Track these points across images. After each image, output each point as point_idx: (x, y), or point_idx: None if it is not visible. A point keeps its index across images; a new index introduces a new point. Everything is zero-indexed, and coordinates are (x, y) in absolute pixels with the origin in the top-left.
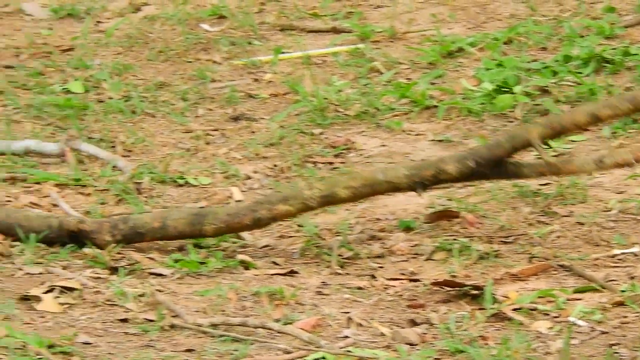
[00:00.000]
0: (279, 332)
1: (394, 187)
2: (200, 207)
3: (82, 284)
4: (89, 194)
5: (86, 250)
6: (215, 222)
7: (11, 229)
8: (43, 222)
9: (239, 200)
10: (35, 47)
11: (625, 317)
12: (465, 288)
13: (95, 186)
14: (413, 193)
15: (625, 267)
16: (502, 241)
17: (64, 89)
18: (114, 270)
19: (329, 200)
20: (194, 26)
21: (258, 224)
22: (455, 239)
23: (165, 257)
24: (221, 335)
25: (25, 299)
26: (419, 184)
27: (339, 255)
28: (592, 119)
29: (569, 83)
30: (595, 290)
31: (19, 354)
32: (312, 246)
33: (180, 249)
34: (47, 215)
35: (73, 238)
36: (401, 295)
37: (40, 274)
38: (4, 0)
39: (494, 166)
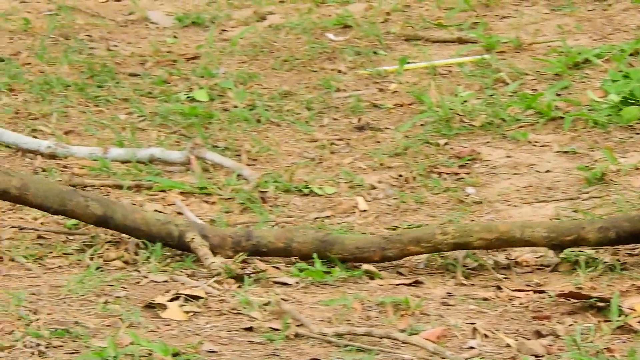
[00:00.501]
0: (404, 343)
1: (530, 244)
2: (327, 233)
3: (207, 292)
4: (213, 203)
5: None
6: (342, 252)
7: (128, 230)
8: (162, 228)
9: (363, 210)
10: (160, 55)
11: None
12: (591, 300)
13: (220, 195)
14: (538, 203)
15: None
16: (628, 253)
17: (188, 97)
18: (239, 278)
19: (461, 247)
20: (319, 35)
21: (386, 260)
22: (580, 251)
23: (290, 266)
24: (346, 345)
25: (151, 306)
26: (557, 246)
27: (464, 266)
28: None
29: None
30: None
31: None
32: (437, 257)
33: (305, 258)
34: (166, 221)
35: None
36: (526, 306)
37: (166, 282)
38: (130, 9)
39: (635, 239)
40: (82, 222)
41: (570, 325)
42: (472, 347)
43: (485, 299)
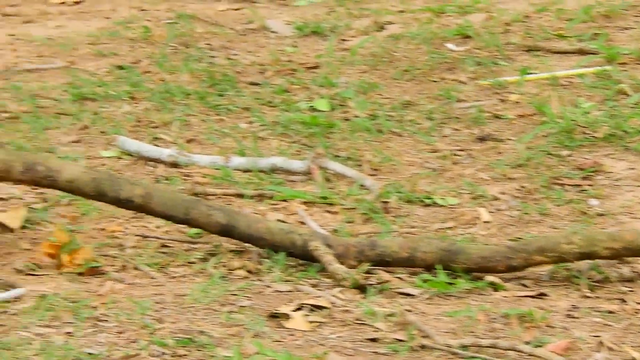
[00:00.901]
0: (529, 355)
1: None
2: (451, 243)
3: (331, 303)
4: (336, 212)
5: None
6: (466, 262)
7: (251, 240)
8: (286, 237)
9: (486, 222)
10: (280, 65)
11: None
12: None
13: (343, 204)
14: None
15: None
16: None
17: (309, 106)
18: (363, 289)
19: (586, 256)
20: (439, 45)
21: (511, 270)
22: None
23: (414, 276)
24: (471, 357)
25: (275, 316)
26: None
27: (589, 278)
28: None
29: None
30: None
31: None
32: (561, 269)
33: (429, 268)
34: (290, 231)
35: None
36: None
37: (289, 291)
38: (249, 17)
39: None
40: (206, 231)
41: None
42: None
43: (610, 312)
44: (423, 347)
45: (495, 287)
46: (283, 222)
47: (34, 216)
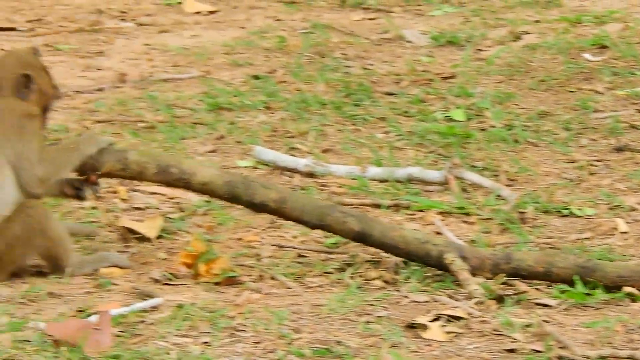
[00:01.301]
0: None
1: None
2: (588, 259)
3: (468, 313)
4: (472, 223)
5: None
6: (602, 279)
7: (386, 248)
8: (421, 247)
9: (624, 232)
10: (416, 74)
11: None
12: None
13: (479, 215)
14: None
15: None
16: None
17: (445, 116)
18: (500, 299)
19: None
20: (576, 55)
21: None
22: None
23: (551, 287)
24: None
25: (412, 326)
26: None
27: None
28: None
29: None
30: None
31: None
32: None
33: (565, 282)
34: (425, 240)
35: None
36: None
37: (426, 302)
38: (385, 27)
39: None
40: (340, 237)
41: None
42: None
43: None
44: (560, 358)
45: (633, 298)
46: (418, 231)
47: (170, 226)
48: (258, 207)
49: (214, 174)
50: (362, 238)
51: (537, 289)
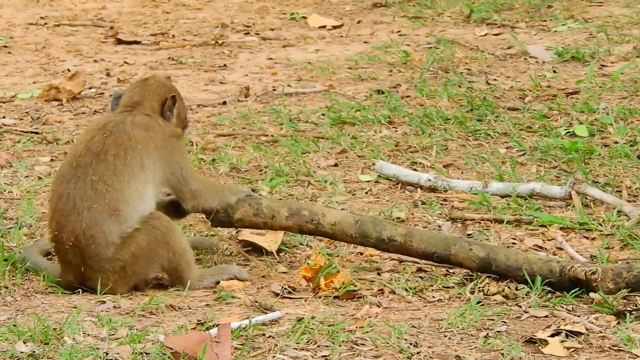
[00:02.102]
0: None
1: None
2: None
3: (587, 328)
4: (594, 238)
5: (592, 294)
6: None
7: (509, 271)
8: (544, 266)
9: None
10: (540, 90)
11: None
12: None
13: (601, 231)
14: None
15: None
16: None
17: (568, 132)
18: (620, 315)
19: None
20: None
21: None
22: None
23: None
24: None
25: (531, 341)
26: None
27: None
28: None
29: None
30: None
31: None
32: None
33: None
34: (548, 260)
35: (574, 283)
36: None
37: (546, 317)
38: (509, 42)
39: None
40: (465, 268)
41: None
42: None
43: None
44: None
45: None
46: (540, 248)
47: (291, 239)
48: (386, 243)
49: (344, 215)
50: (486, 266)
51: None
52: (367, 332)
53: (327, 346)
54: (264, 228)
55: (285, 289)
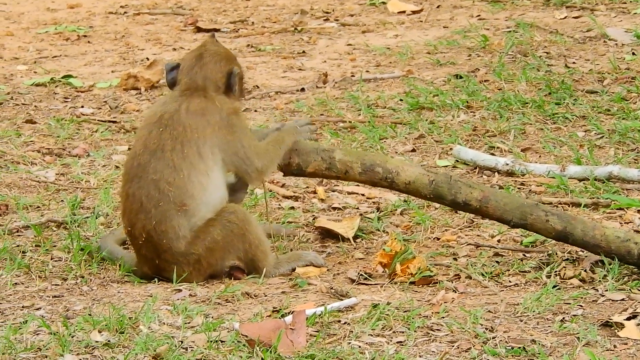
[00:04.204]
0: None
1: None
2: None
3: None
4: None
5: None
6: None
7: (586, 246)
8: (622, 245)
9: None
10: (619, 73)
11: None
12: None
13: None
14: None
15: None
16: None
17: None
18: None
19: None
20: None
21: None
22: None
23: None
24: None
25: (608, 325)
26: None
27: None
28: None
29: None
30: None
31: None
32: None
33: None
34: (626, 239)
35: None
36: None
37: (622, 300)
38: (588, 25)
39: None
40: (541, 236)
41: None
42: None
43: None
44: None
45: None
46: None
47: (367, 225)
48: (461, 207)
49: (419, 173)
50: (563, 237)
51: None
52: (443, 317)
53: (403, 332)
54: (336, 179)
55: (361, 275)
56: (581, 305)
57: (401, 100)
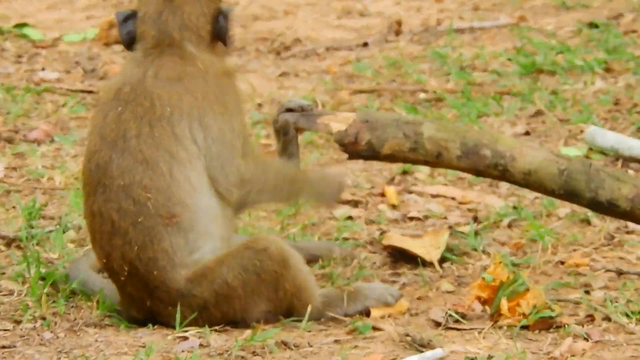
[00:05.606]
0: None
1: None
2: None
3: None
4: None
5: None
6: None
7: None
8: None
9: None
10: None
11: None
12: None
13: None
14: None
15: None
16: None
17: None
18: None
19: None
20: None
21: None
22: None
23: None
24: None
25: None
26: None
27: None
28: None
29: None
30: None
31: None
32: None
33: None
34: None
35: None
36: None
37: None
38: None
39: None
40: None
41: None
42: None
43: None
44: None
45: None
46: None
47: (460, 243)
48: (604, 208)
49: (544, 159)
50: None
51: None
52: None
53: None
54: (424, 165)
55: (450, 316)
56: None
57: (510, 59)
